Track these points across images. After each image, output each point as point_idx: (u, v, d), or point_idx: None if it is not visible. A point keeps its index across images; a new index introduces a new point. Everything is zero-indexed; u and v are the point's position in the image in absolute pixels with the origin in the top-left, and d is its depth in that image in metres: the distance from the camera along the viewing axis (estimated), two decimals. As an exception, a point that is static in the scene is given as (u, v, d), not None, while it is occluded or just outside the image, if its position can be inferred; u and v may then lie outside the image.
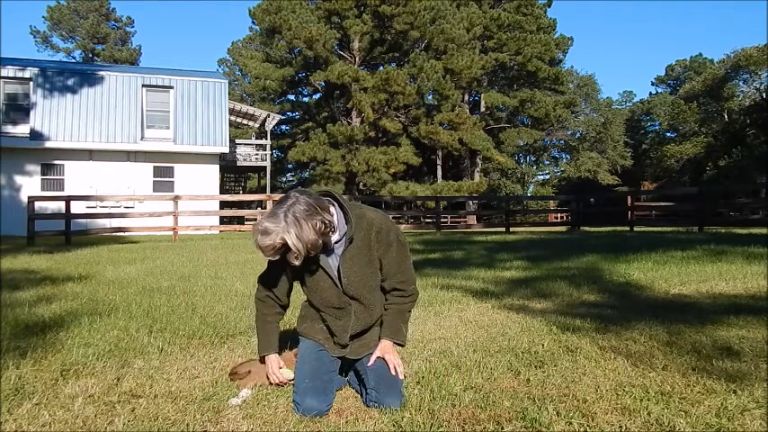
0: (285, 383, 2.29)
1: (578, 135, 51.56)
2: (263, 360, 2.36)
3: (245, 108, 29.25)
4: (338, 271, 2.18)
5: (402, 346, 2.35)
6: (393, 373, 2.17)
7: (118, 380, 2.45)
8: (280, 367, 2.33)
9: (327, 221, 2.03)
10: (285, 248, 1.99)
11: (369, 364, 2.23)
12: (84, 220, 16.40)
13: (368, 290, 2.23)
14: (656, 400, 2.08)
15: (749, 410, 1.97)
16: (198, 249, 9.78)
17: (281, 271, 2.27)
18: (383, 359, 2.23)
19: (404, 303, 2.31)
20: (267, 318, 2.37)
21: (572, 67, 54.26)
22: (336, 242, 2.16)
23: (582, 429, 1.87)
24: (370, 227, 2.16)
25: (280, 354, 2.41)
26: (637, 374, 2.39)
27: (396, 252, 2.23)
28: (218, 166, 23.00)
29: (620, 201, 21.14)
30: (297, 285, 2.39)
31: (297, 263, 2.04)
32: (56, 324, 3.48)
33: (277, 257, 2.04)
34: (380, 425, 1.95)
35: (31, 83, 20.48)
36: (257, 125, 30.40)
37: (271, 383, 2.31)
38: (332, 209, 2.12)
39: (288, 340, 2.79)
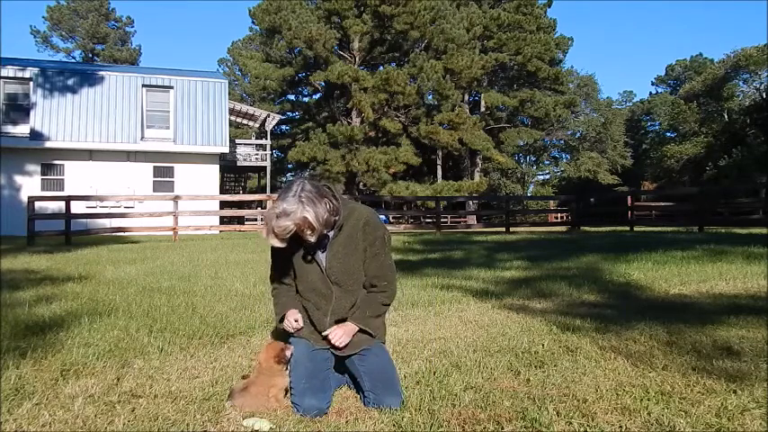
0: (297, 330, 2.30)
1: (578, 135, 51.55)
2: (282, 321, 2.37)
3: (245, 108, 29.24)
4: (325, 256, 2.30)
5: (371, 336, 2.30)
6: (336, 342, 2.23)
7: (118, 380, 2.45)
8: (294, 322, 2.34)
9: (333, 202, 2.21)
10: (301, 228, 2.10)
11: (326, 332, 2.26)
12: (84, 220, 16.38)
13: (349, 275, 2.30)
14: (656, 400, 2.08)
15: (749, 410, 1.97)
16: (198, 249, 9.78)
17: (285, 261, 2.35)
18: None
19: (375, 294, 2.35)
20: (289, 294, 2.40)
21: (572, 67, 54.17)
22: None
23: (582, 429, 1.87)
24: (359, 218, 2.30)
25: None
26: (637, 374, 2.39)
27: (378, 248, 2.33)
28: (218, 166, 22.98)
29: (620, 201, 21.09)
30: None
31: (312, 239, 2.16)
32: (56, 324, 3.48)
33: (285, 244, 2.14)
34: (380, 425, 1.95)
35: (31, 83, 20.46)
36: (257, 125, 30.39)
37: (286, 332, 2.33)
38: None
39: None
